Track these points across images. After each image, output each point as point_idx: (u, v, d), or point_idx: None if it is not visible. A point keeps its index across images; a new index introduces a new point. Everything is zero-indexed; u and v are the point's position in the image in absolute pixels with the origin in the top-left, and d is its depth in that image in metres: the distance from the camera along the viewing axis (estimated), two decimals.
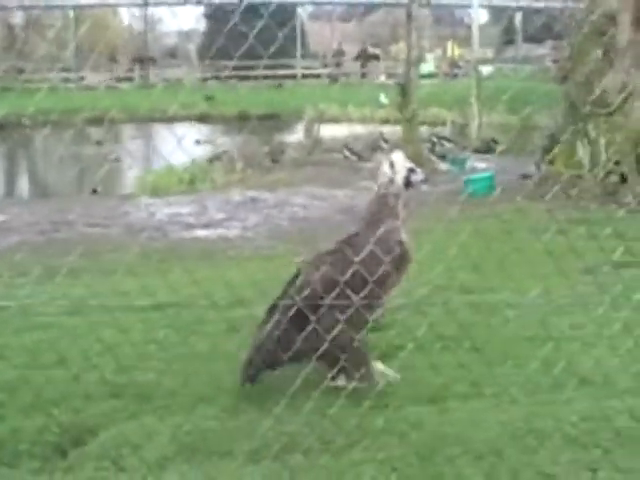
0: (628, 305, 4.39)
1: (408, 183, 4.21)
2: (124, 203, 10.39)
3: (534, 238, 5.97)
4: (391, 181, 4.16)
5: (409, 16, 14.35)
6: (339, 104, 27.73)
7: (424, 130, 20.49)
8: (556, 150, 8.97)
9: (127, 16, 45.89)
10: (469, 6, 27.24)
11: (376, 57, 40.18)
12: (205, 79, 37.13)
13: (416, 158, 13.19)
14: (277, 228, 8.36)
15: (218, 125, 28.55)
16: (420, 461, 3.39)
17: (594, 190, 8.32)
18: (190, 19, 49.43)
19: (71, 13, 38.73)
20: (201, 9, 43.59)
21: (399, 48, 47.50)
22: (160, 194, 12.00)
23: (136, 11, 45.36)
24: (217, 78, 35.37)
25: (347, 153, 15.71)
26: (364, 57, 39.37)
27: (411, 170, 4.24)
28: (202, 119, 29.39)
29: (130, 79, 37.69)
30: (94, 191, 14.19)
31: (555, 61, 19.27)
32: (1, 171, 16.93)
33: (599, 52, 9.18)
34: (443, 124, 21.96)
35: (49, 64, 36.82)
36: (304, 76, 38.53)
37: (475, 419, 3.74)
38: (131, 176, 15.57)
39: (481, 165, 14.17)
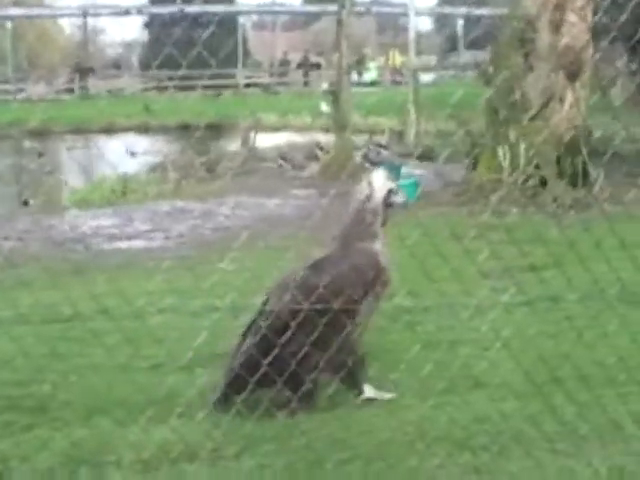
0: (523, 308, 4.50)
1: (388, 204, 4.11)
2: (50, 216, 10.24)
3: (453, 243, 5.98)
4: (368, 199, 4.06)
5: (339, 24, 14.43)
6: (280, 113, 27.80)
7: (363, 138, 20.71)
8: (477, 155, 9.13)
9: (69, 27, 45.39)
10: (405, 14, 27.47)
11: (318, 65, 40.33)
12: (146, 89, 36.88)
13: (348, 166, 13.31)
14: (199, 237, 8.32)
15: (158, 135, 28.37)
16: (308, 467, 3.39)
17: (514, 194, 8.43)
18: (134, 29, 49.21)
19: (9, 24, 38.14)
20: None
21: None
22: (90, 206, 11.90)
23: (78, 21, 44.97)
24: (158, 88, 35.15)
25: (281, 162, 15.73)
26: (306, 66, 39.53)
27: (391, 191, 4.15)
28: (142, 130, 29.22)
29: (70, 90, 37.26)
30: (25, 203, 14.03)
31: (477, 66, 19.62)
32: None
33: (519, 57, 9.29)
34: (383, 132, 22.14)
35: None
36: (247, 85, 38.51)
37: (367, 424, 3.76)
38: (66, 188, 15.32)
39: (418, 172, 14.26)
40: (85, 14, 35.66)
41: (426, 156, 17.02)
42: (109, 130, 29.12)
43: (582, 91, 9.22)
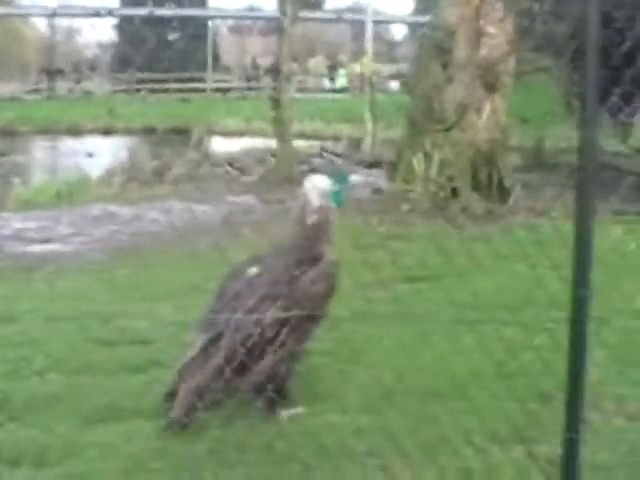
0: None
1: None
2: None
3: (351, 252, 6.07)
4: (322, 207, 4.02)
5: (281, 30, 14.52)
6: (244, 118, 27.86)
7: (316, 144, 20.86)
8: (396, 164, 9.22)
9: (42, 27, 45.24)
10: (363, 21, 27.63)
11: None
12: (115, 92, 36.83)
13: (289, 173, 13.41)
14: (114, 243, 8.38)
15: (123, 138, 28.33)
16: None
17: (424, 205, 8.50)
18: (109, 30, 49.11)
19: None
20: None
21: (316, 62, 48.05)
22: (29, 208, 11.90)
23: (52, 22, 44.84)
24: (126, 91, 35.09)
25: (228, 168, 15.79)
26: (275, 71, 39.49)
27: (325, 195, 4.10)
28: (107, 132, 29.20)
29: (38, 91, 37.16)
30: None
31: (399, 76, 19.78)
32: None
33: (439, 67, 9.35)
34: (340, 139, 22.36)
35: None
36: (216, 90, 38.51)
37: None
38: (14, 189, 15.26)
39: (356, 179, 14.35)
40: (53, 14, 35.53)
41: (377, 164, 17.16)
42: (74, 132, 29.12)
43: (501, 102, 9.28)
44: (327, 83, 41.94)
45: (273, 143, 19.88)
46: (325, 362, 4.54)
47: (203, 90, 38.50)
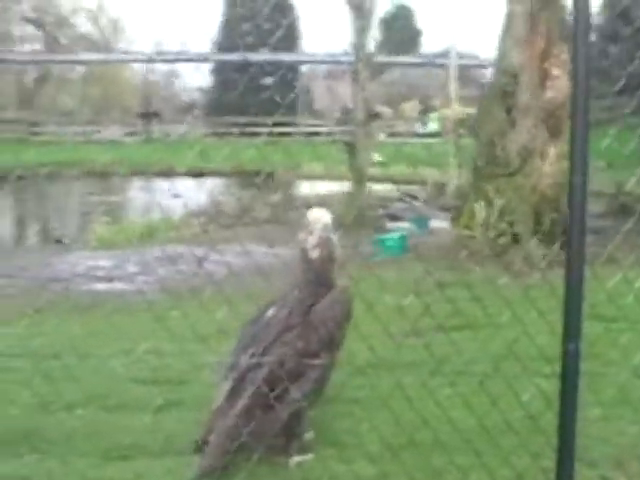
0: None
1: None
2: (57, 255, 10.63)
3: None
4: (329, 238, 4.12)
5: (354, 76, 14.63)
6: (330, 162, 28.05)
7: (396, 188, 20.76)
8: (460, 210, 9.09)
9: (140, 72, 46.87)
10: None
11: (377, 116, 40.56)
12: (207, 135, 37.77)
13: (362, 216, 13.42)
14: (175, 283, 8.52)
15: (214, 180, 28.92)
16: None
17: (484, 251, 8.32)
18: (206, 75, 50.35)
19: (81, 69, 39.75)
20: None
21: (410, 106, 48.14)
22: (110, 247, 12.28)
23: (151, 67, 46.53)
24: (218, 134, 35.92)
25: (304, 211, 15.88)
26: (367, 116, 39.77)
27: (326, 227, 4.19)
28: (198, 174, 29.83)
29: (135, 134, 38.48)
30: (58, 241, 14.62)
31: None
32: None
33: (502, 111, 9.20)
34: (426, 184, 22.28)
35: (58, 118, 37.74)
36: (307, 134, 38.99)
37: None
38: (99, 228, 15.80)
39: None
40: (150, 60, 36.84)
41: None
42: (167, 174, 29.90)
43: (566, 146, 9.05)
44: (419, 127, 41.90)
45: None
46: (346, 409, 4.47)
47: (293, 134, 39.05)
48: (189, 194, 21.88)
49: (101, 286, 8.49)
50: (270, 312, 4.09)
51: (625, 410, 4.27)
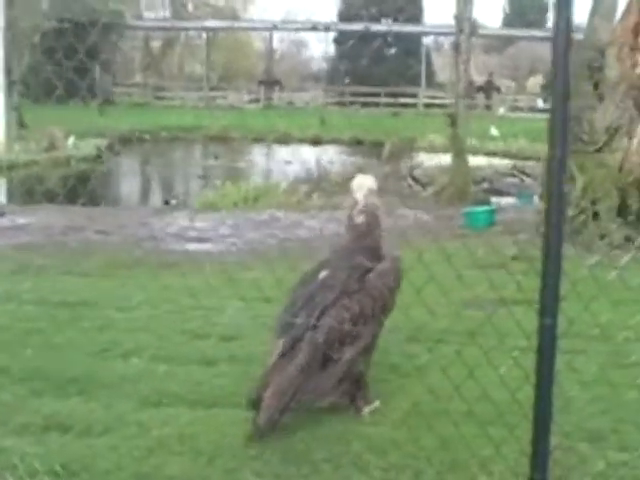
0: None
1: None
2: (156, 215, 11.10)
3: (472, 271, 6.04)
4: (374, 203, 4.26)
5: (456, 47, 14.41)
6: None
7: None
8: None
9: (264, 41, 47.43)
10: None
11: (497, 89, 39.79)
12: (328, 103, 37.99)
13: (463, 191, 13.32)
14: (263, 246, 8.77)
15: (331, 148, 29.11)
16: None
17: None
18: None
19: (204, 35, 40.62)
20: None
21: (534, 81, 46.90)
22: (213, 210, 12.71)
23: (280, 36, 47.10)
24: (339, 103, 36.07)
25: (410, 181, 15.91)
26: (488, 89, 39.09)
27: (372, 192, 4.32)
28: (315, 142, 30.13)
29: (256, 101, 39.12)
30: (166, 202, 15.24)
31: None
32: (100, 183, 18.05)
33: (589, 86, 8.90)
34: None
35: (184, 83, 38.80)
36: (427, 105, 38.63)
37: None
38: (206, 192, 16.32)
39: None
40: (274, 28, 37.23)
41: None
42: (284, 141, 30.35)
43: None
44: (540, 102, 40.81)
45: (478, 160, 19.84)
46: (386, 377, 4.57)
47: (414, 105, 38.80)
48: (302, 161, 22.24)
49: (191, 246, 8.82)
50: (323, 274, 4.20)
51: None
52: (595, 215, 8.31)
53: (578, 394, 4.19)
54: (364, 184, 4.33)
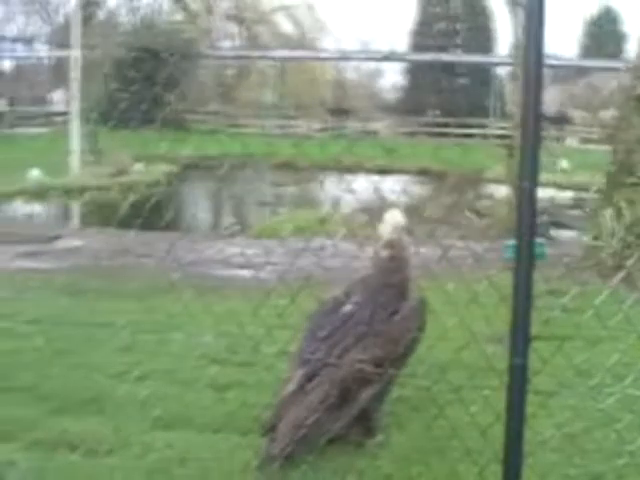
0: None
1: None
2: (209, 242, 11.27)
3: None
4: (399, 239, 4.30)
5: (514, 77, 14.29)
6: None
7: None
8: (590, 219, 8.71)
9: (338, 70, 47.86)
10: None
11: (568, 120, 39.18)
12: (398, 133, 38.04)
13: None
14: (304, 274, 8.78)
15: (398, 178, 29.07)
16: None
17: (607, 263, 7.92)
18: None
19: (279, 65, 41.22)
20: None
21: (609, 113, 45.98)
22: (269, 237, 12.86)
23: (357, 65, 47.46)
24: (408, 133, 36.05)
25: (468, 213, 15.78)
26: (558, 120, 38.56)
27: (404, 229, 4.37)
28: (383, 171, 30.10)
29: (327, 129, 39.41)
30: (226, 229, 15.51)
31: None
32: (162, 209, 18.43)
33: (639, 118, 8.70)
34: None
35: (256, 111, 39.35)
36: (497, 136, 38.23)
37: None
38: (266, 219, 16.52)
39: None
40: (343, 58, 37.55)
41: None
42: (353, 170, 30.41)
43: None
44: None
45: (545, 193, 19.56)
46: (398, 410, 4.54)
47: (484, 136, 38.49)
48: (367, 190, 22.23)
49: (230, 272, 8.94)
50: (347, 307, 4.23)
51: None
52: None
53: None
54: (392, 219, 4.36)
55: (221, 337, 5.84)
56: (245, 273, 9.00)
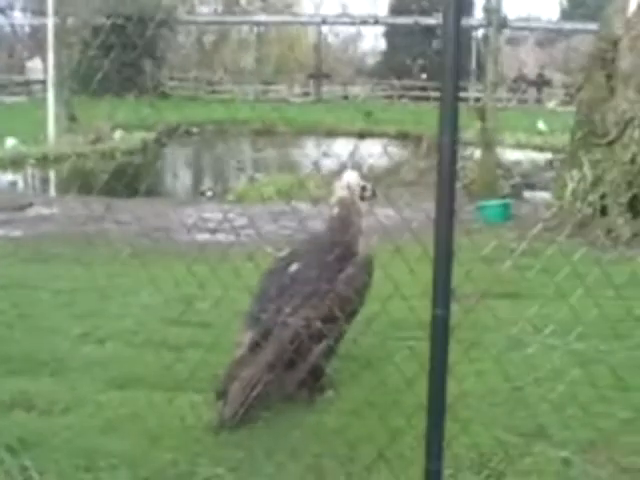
0: None
1: (361, 199, 4.49)
2: (180, 207, 11.30)
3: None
4: (350, 198, 4.42)
5: (485, 39, 14.29)
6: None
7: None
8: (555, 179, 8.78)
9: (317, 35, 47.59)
10: None
11: (547, 83, 39.16)
12: (375, 97, 37.94)
13: (490, 184, 13.23)
14: (276, 237, 8.87)
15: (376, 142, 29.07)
16: None
17: (570, 222, 7.99)
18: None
19: (255, 29, 40.91)
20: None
21: None
22: (245, 201, 12.92)
23: (335, 30, 47.13)
24: (387, 97, 35.95)
25: None
26: (539, 83, 38.55)
27: (363, 188, 4.51)
28: (362, 135, 30.09)
29: (306, 94, 39.28)
30: (202, 193, 15.54)
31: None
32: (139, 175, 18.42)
33: (602, 78, 8.76)
34: None
35: (235, 77, 39.12)
36: (477, 99, 38.19)
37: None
38: (241, 184, 16.54)
39: None
40: (323, 22, 37.30)
41: None
42: (332, 134, 30.41)
43: None
44: None
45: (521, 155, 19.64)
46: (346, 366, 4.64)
47: (464, 99, 38.40)
48: (343, 154, 22.23)
49: (203, 237, 8.99)
50: (294, 267, 4.30)
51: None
52: (603, 210, 8.20)
53: None
54: (346, 180, 4.47)
55: (183, 299, 5.91)
56: (217, 238, 9.04)
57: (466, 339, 4.27)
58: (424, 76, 38.01)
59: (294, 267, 4.31)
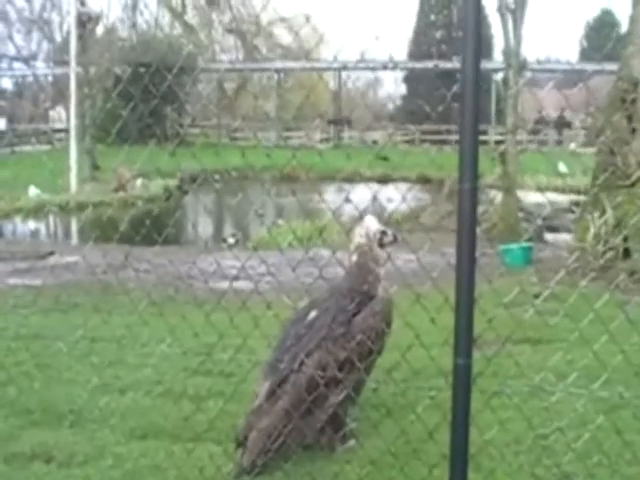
0: None
1: (381, 245, 4.42)
2: (203, 254, 11.30)
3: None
4: (368, 245, 4.38)
5: (505, 83, 14.33)
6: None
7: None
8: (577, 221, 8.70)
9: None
10: None
11: (568, 125, 39.17)
12: (397, 142, 38.05)
13: (512, 227, 13.16)
14: (296, 284, 8.79)
15: (398, 186, 29.07)
16: None
17: (593, 265, 7.91)
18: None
19: (275, 76, 41.33)
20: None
21: None
22: (263, 248, 12.89)
23: (356, 76, 47.53)
24: (407, 141, 36.07)
25: None
26: (559, 124, 38.57)
27: (383, 232, 4.44)
28: (382, 180, 30.13)
29: (328, 140, 39.51)
30: (224, 241, 15.56)
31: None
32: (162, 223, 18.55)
33: (623, 119, 8.71)
34: None
35: (257, 124, 39.46)
36: (497, 142, 38.26)
37: None
38: (263, 231, 16.54)
39: None
40: (343, 68, 37.64)
41: None
42: (353, 179, 30.47)
43: None
44: None
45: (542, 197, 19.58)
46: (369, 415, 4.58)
47: (485, 142, 38.51)
48: (364, 199, 22.26)
49: (222, 285, 8.96)
50: (312, 314, 4.28)
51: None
52: (626, 252, 8.11)
53: None
54: (365, 225, 4.44)
55: (203, 348, 5.88)
56: (237, 285, 9.00)
57: (488, 387, 4.19)
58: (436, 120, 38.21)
59: (312, 315, 4.27)
